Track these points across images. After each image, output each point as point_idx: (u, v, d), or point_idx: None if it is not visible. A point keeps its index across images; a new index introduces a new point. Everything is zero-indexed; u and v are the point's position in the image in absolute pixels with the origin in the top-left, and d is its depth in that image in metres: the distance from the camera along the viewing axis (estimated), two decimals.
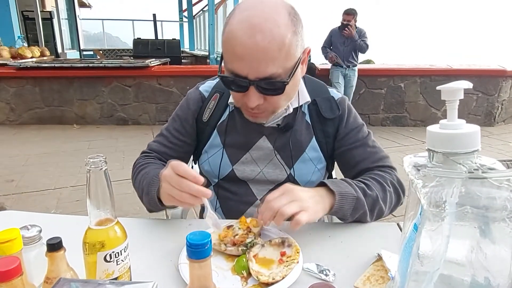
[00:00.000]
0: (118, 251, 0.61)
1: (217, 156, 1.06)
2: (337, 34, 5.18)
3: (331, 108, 1.04)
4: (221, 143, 1.05)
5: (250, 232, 0.84)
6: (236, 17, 0.82)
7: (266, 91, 0.86)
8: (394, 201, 0.99)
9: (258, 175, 1.05)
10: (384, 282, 0.72)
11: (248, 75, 0.82)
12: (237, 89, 0.87)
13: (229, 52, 0.84)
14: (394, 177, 1.01)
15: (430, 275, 0.49)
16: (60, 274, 0.54)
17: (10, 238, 0.53)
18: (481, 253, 0.46)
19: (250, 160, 1.04)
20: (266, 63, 0.80)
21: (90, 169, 0.58)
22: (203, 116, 1.07)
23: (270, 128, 1.02)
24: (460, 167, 0.43)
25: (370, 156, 1.03)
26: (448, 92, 0.47)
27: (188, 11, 12.94)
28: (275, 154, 1.03)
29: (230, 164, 1.05)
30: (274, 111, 0.95)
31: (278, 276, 0.72)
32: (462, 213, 0.43)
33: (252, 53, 0.79)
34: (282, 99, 0.90)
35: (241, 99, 0.90)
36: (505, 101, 5.86)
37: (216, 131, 1.06)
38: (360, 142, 1.04)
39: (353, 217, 0.91)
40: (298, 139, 1.03)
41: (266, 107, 0.90)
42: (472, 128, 0.45)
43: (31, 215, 1.00)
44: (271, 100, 0.88)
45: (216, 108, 1.06)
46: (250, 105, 0.87)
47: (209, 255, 0.51)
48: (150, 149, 1.10)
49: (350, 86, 5.27)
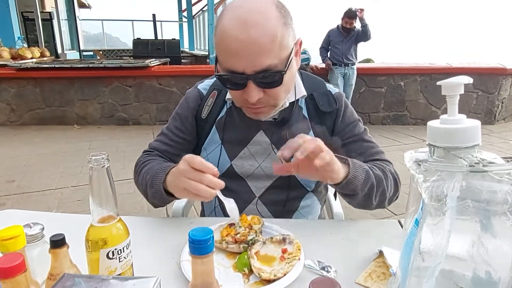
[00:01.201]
0: (121, 248, 0.61)
1: (216, 152, 1.06)
2: (335, 34, 5.21)
3: (329, 101, 1.05)
4: (220, 139, 1.06)
5: (251, 229, 0.85)
6: (226, 16, 0.84)
7: (265, 84, 0.86)
8: (393, 189, 0.99)
9: (256, 170, 1.05)
10: (386, 278, 0.72)
11: (245, 70, 0.83)
12: (235, 86, 0.88)
13: (223, 51, 0.85)
14: (392, 169, 1.03)
15: (431, 270, 0.49)
16: (63, 271, 0.54)
17: (13, 235, 0.54)
18: (482, 247, 0.47)
19: (248, 155, 1.05)
20: (262, 56, 0.81)
21: (93, 167, 0.58)
22: (202, 113, 1.08)
23: (267, 123, 1.03)
24: (461, 161, 0.43)
25: (366, 151, 1.04)
26: (448, 87, 0.48)
27: (187, 11, 12.94)
28: (273, 148, 1.04)
29: (228, 159, 1.06)
30: (275, 105, 0.95)
31: (279, 273, 0.72)
32: (463, 207, 0.43)
33: (247, 47, 0.80)
34: (282, 91, 0.90)
35: (240, 97, 0.90)
36: (505, 99, 5.85)
37: (215, 128, 1.07)
38: (357, 137, 1.05)
39: (363, 190, 0.90)
40: (295, 133, 1.03)
41: (266, 100, 0.90)
42: (473, 123, 0.46)
43: (33, 214, 1.01)
44: (271, 93, 0.89)
45: (215, 105, 1.07)
46: (250, 101, 0.87)
47: (212, 251, 0.51)
48: (152, 148, 1.11)
49: (350, 85, 5.28)
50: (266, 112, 0.96)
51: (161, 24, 13.23)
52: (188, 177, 0.79)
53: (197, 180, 0.78)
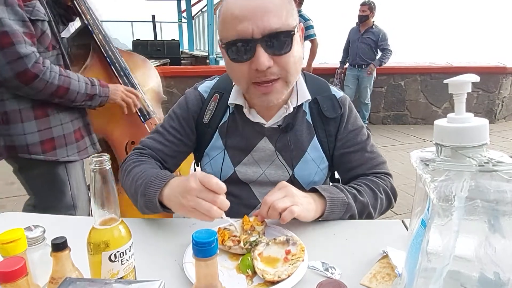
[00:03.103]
0: (123, 250, 0.60)
1: (219, 158, 1.04)
2: (354, 31, 5.06)
3: (333, 106, 1.03)
4: (223, 144, 1.04)
5: (254, 230, 0.84)
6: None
7: (275, 49, 0.83)
8: (385, 207, 1.01)
9: (260, 176, 1.04)
10: (391, 279, 0.72)
11: (254, 33, 0.81)
12: (244, 54, 0.84)
13: (229, 22, 0.83)
14: (388, 183, 1.01)
15: (439, 271, 0.49)
16: (65, 274, 0.54)
17: (14, 238, 0.53)
18: (490, 247, 0.46)
19: (252, 161, 1.03)
20: (269, 16, 0.81)
21: (95, 169, 0.57)
22: (204, 118, 1.05)
23: (271, 129, 1.01)
24: (470, 161, 0.42)
25: (367, 162, 1.03)
26: (455, 86, 0.47)
27: (187, 12, 12.93)
28: (277, 155, 1.02)
29: (232, 166, 1.04)
30: (286, 79, 0.88)
31: (283, 274, 0.71)
32: (472, 207, 0.42)
33: (253, 9, 0.80)
34: (290, 60, 0.86)
35: (249, 69, 0.85)
36: (506, 98, 5.85)
37: (218, 133, 1.05)
38: (359, 146, 1.03)
39: (343, 218, 0.93)
40: (299, 139, 1.02)
41: (278, 71, 0.85)
42: (481, 122, 0.45)
43: (34, 216, 1.00)
44: (281, 62, 0.85)
45: (217, 110, 1.04)
46: (260, 68, 0.83)
47: (215, 253, 0.50)
48: (144, 145, 1.05)
49: (364, 87, 5.06)
50: (277, 90, 0.89)
51: (160, 25, 13.21)
52: (200, 196, 0.75)
53: (210, 201, 0.75)
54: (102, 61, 1.78)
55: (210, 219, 0.76)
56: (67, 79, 1.40)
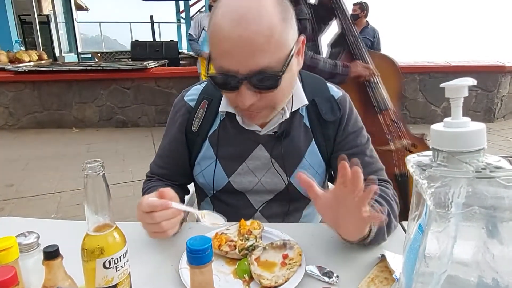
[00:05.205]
0: (118, 257, 0.60)
1: (211, 168, 1.00)
2: None
3: (332, 109, 0.97)
4: (214, 154, 0.99)
5: (251, 234, 0.83)
6: (220, 10, 0.76)
7: (260, 87, 0.78)
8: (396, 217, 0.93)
9: (256, 185, 0.99)
10: (389, 284, 0.71)
11: (239, 70, 0.75)
12: (228, 88, 0.80)
13: (216, 48, 0.78)
14: (392, 191, 0.96)
15: (437, 276, 0.48)
16: (57, 283, 0.53)
17: (5, 246, 0.52)
18: (489, 253, 0.45)
19: (247, 170, 0.99)
20: (256, 56, 0.74)
21: (88, 174, 0.57)
22: (192, 127, 1.00)
23: (267, 136, 0.97)
24: (467, 167, 0.41)
25: (365, 167, 0.94)
26: (452, 90, 0.46)
27: (185, 13, 12.93)
28: (272, 163, 0.98)
29: (226, 176, 0.99)
30: (274, 108, 0.86)
31: (280, 279, 0.71)
32: (470, 214, 0.42)
33: (239, 46, 0.73)
34: (279, 94, 0.82)
35: (234, 99, 0.82)
36: (505, 97, 5.85)
37: (208, 142, 1.00)
38: (358, 148, 0.98)
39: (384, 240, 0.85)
40: (296, 145, 0.98)
41: (263, 105, 0.82)
42: (478, 126, 0.44)
43: (29, 221, 0.99)
44: (267, 98, 0.81)
45: (205, 117, 0.99)
46: (242, 106, 0.80)
47: (210, 261, 0.50)
48: (152, 173, 1.07)
49: None
50: (263, 116, 0.88)
51: (159, 25, 13.20)
52: (145, 222, 0.80)
53: (151, 222, 0.78)
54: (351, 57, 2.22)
55: (167, 235, 0.81)
56: (315, 61, 1.99)
